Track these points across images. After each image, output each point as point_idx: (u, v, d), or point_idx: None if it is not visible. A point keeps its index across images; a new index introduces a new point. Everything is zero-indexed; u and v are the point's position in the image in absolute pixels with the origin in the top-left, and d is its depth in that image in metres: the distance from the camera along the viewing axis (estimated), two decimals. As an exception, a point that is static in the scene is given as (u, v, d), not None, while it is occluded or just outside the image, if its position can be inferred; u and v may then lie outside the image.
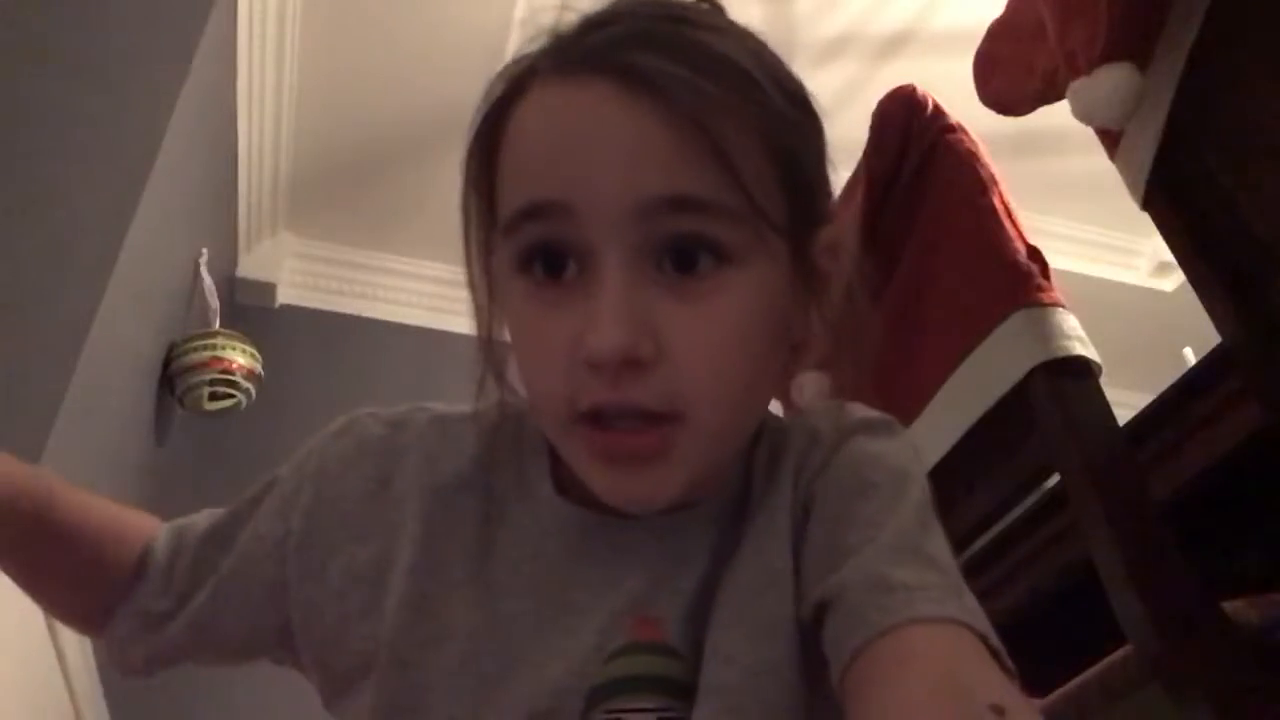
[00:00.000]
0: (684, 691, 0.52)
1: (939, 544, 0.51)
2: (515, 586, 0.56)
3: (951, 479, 1.09)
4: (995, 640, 0.46)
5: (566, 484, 0.58)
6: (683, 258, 0.50)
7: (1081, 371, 0.97)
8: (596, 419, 0.50)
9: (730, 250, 0.50)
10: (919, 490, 0.54)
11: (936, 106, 1.15)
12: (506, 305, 0.56)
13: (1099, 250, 2.90)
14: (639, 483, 0.51)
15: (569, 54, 0.52)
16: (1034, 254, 1.04)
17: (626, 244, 0.49)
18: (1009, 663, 0.46)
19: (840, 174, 1.37)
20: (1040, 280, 1.01)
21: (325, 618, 0.57)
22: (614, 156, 0.49)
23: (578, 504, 0.57)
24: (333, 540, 0.58)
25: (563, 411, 0.51)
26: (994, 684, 0.42)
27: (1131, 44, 0.93)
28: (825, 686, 0.49)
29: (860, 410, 0.60)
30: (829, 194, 0.58)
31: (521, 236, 0.52)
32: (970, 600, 0.48)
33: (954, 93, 1.16)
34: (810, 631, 0.51)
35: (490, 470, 0.59)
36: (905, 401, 1.12)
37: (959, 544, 1.14)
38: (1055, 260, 1.06)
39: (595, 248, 0.49)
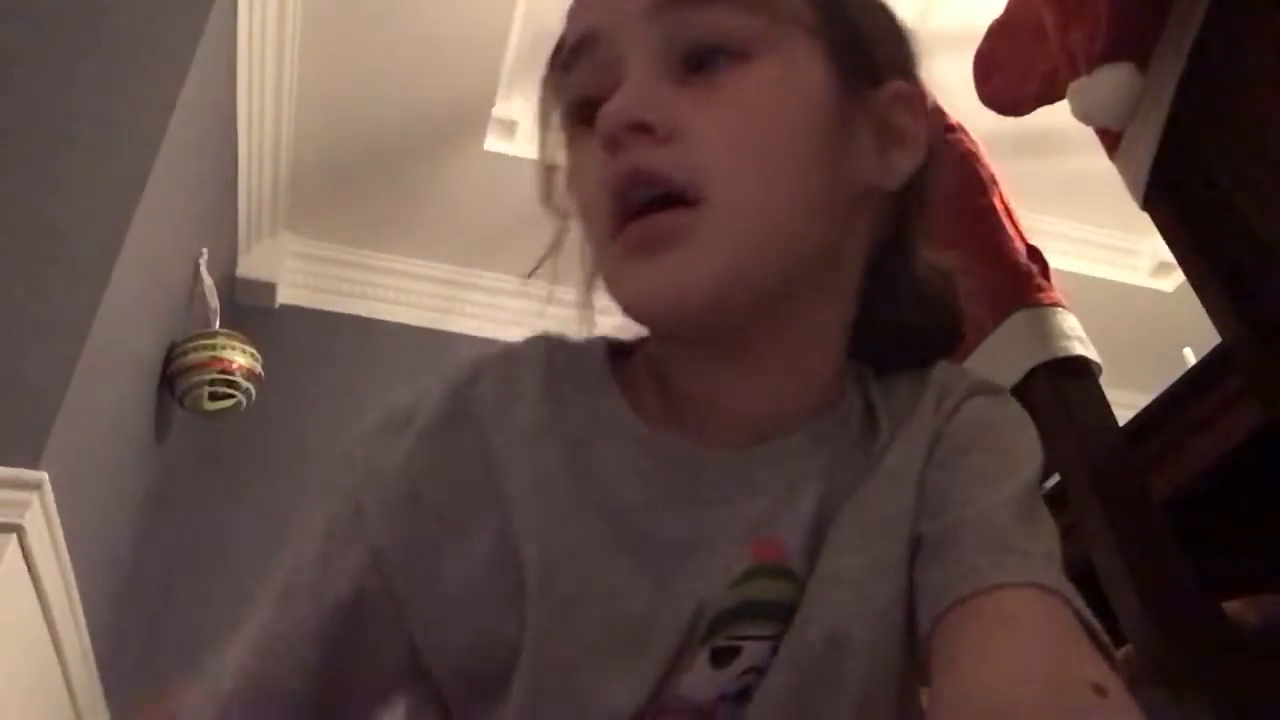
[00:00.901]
0: (792, 615, 0.51)
1: (1049, 521, 0.51)
2: (635, 539, 0.51)
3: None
4: (1097, 623, 0.46)
5: (650, 416, 0.55)
6: (700, 59, 0.51)
7: (1081, 371, 0.97)
8: (624, 213, 0.50)
9: (744, 43, 0.51)
10: (1038, 465, 0.54)
11: (936, 106, 1.15)
12: (569, 163, 0.56)
13: (1099, 250, 2.90)
14: (662, 271, 0.49)
15: None
16: (1034, 254, 1.04)
17: (646, 49, 0.51)
18: (1109, 645, 0.45)
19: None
20: (1040, 280, 1.01)
21: (464, 625, 0.51)
22: None
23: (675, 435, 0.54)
24: (436, 542, 0.51)
25: (605, 228, 0.51)
26: (1097, 664, 0.43)
27: (1131, 44, 0.93)
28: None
29: (979, 374, 0.60)
30: (901, 50, 0.59)
31: (569, 85, 0.54)
32: (1062, 577, 0.47)
33: (954, 93, 1.16)
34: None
35: (562, 409, 0.54)
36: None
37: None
38: (1055, 260, 1.06)
39: (623, 67, 0.51)
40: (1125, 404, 0.99)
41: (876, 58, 0.56)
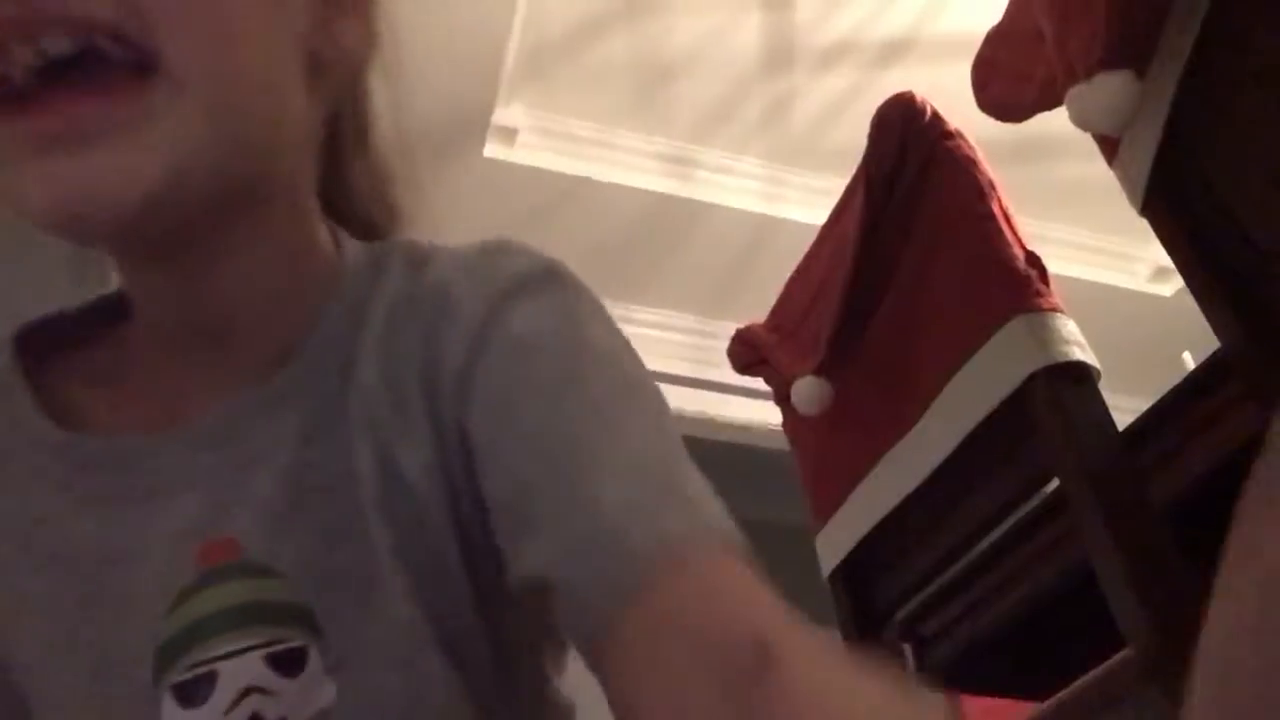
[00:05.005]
0: (300, 615, 0.42)
1: (640, 425, 0.41)
2: (34, 566, 0.43)
3: (951, 484, 1.09)
4: (742, 541, 0.38)
5: (68, 413, 0.46)
6: None
7: (1080, 376, 0.98)
8: (11, 75, 0.36)
9: None
10: (609, 350, 0.44)
11: (935, 113, 1.15)
12: None
13: (1097, 256, 2.90)
14: (92, 167, 0.37)
15: None
16: (1033, 259, 1.04)
17: None
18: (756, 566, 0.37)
19: (839, 180, 1.37)
20: (1039, 285, 1.02)
21: None
22: None
23: (88, 433, 0.45)
24: None
25: None
26: (755, 610, 0.35)
27: (1130, 51, 0.93)
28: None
29: (512, 258, 0.48)
30: None
31: None
32: (698, 499, 0.39)
33: (953, 99, 1.16)
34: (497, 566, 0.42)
35: None
36: (905, 406, 1.12)
37: (958, 548, 1.14)
38: (1054, 265, 1.07)
39: None
40: (1124, 409, 0.99)
41: None
